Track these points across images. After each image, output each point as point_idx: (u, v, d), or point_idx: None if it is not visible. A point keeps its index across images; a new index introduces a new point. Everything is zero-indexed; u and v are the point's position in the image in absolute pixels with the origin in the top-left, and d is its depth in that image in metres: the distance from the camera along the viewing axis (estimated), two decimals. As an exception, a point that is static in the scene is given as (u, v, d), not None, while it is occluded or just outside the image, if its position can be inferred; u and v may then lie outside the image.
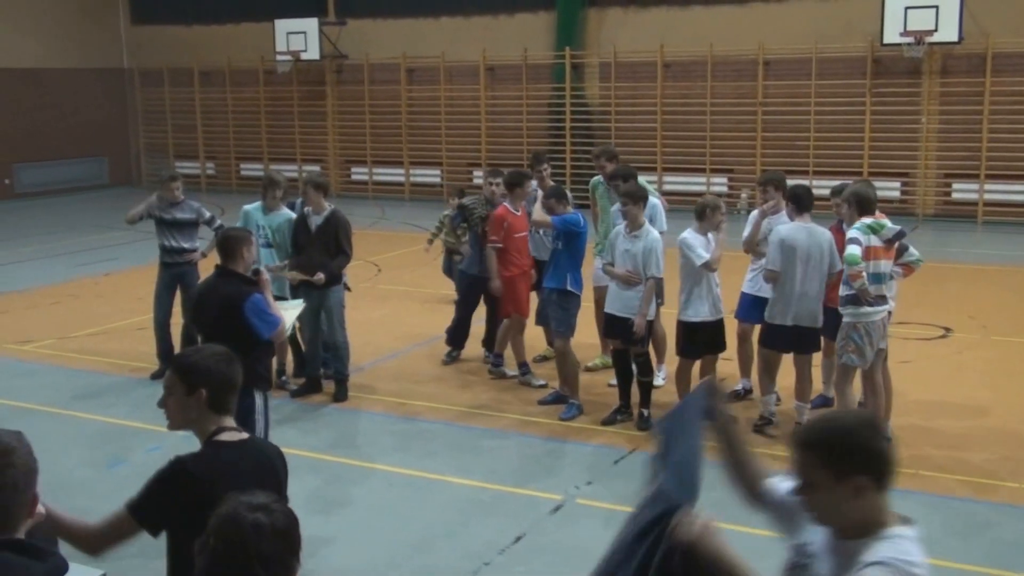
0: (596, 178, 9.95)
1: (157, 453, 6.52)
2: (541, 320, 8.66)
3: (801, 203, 7.80)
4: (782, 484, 2.86)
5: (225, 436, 3.33)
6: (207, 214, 9.99)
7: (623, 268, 8.04)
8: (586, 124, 22.38)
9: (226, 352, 3.42)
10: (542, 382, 9.36)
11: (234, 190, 25.58)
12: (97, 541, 3.15)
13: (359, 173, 24.96)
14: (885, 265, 7.26)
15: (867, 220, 7.17)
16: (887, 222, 7.27)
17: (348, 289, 9.40)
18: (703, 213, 7.93)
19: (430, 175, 24.13)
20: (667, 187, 21.84)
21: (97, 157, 26.98)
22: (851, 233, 7.16)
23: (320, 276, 8.79)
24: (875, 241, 7.17)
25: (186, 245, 9.85)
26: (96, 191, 26.38)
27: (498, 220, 9.29)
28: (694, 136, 21.23)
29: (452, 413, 8.79)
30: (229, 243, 6.05)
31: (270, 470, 3.36)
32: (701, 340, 7.95)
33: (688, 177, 21.51)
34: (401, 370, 10.14)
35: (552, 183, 9.76)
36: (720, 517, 2.68)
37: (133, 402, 9.05)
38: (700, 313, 7.92)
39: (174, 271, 9.80)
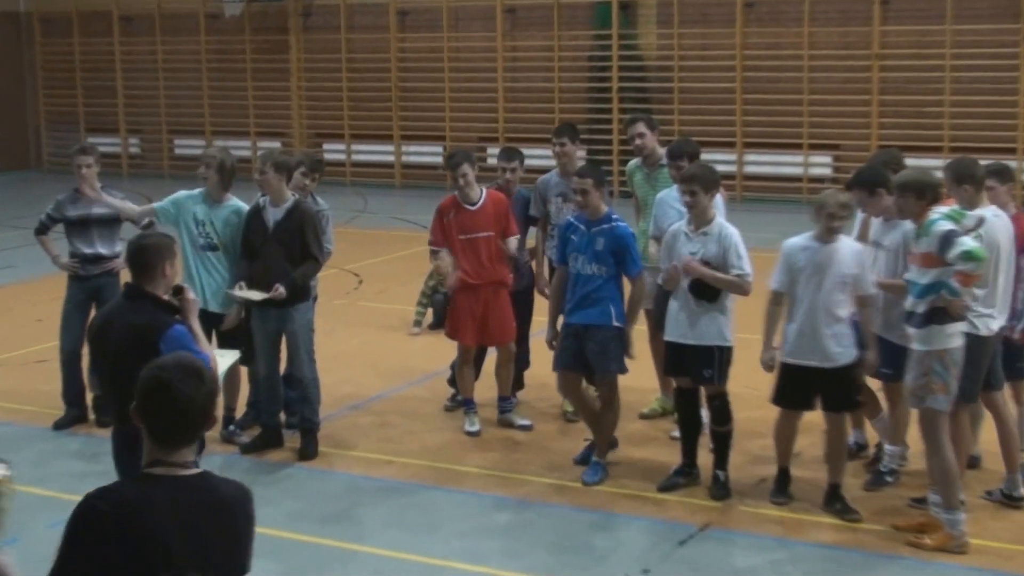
0: (633, 162, 9.99)
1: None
2: (568, 363, 8.57)
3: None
4: None
5: (159, 469, 3.56)
6: (132, 204, 10.05)
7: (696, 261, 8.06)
8: (640, 85, 22.42)
9: (191, 368, 3.64)
10: (526, 422, 9.68)
11: (166, 174, 25.80)
12: None
13: (334, 151, 25.11)
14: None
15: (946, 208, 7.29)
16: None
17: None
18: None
19: (429, 154, 24.25)
20: (749, 169, 21.84)
21: (-18, 131, 27.27)
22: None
23: (280, 290, 8.83)
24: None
25: (104, 251, 9.90)
26: (-19, 176, 26.67)
27: (439, 213, 9.55)
28: (786, 101, 21.24)
29: (458, 476, 8.80)
30: (144, 255, 5.95)
31: (222, 515, 3.58)
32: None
33: (777, 155, 21.50)
34: (389, 418, 10.16)
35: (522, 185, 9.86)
36: None
37: (31, 460, 9.09)
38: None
39: (88, 285, 9.86)
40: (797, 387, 7.88)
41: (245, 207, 9.26)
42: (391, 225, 20.00)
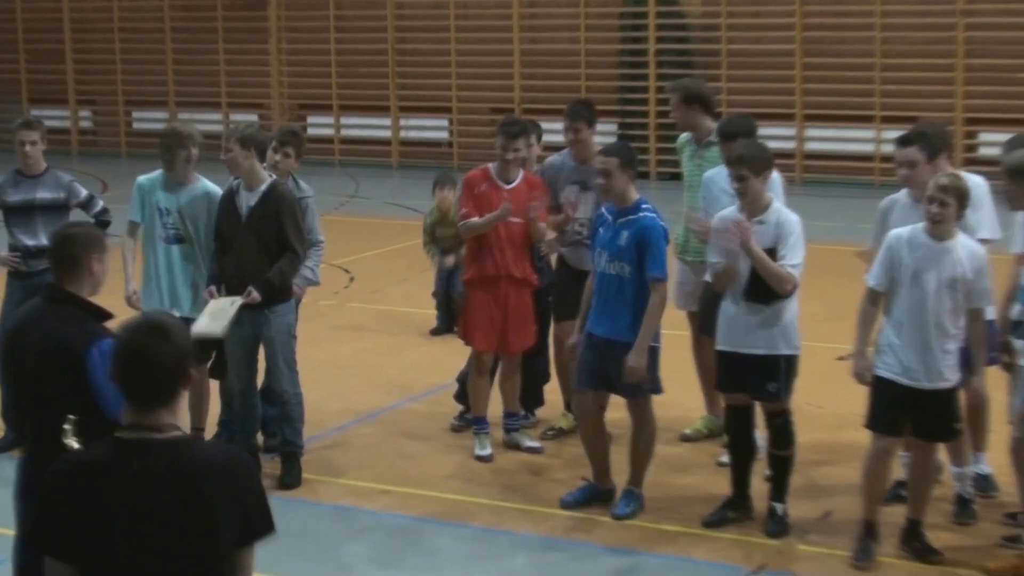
0: (684, 136, 9.94)
1: (4, 568, 6.56)
2: (587, 382, 8.51)
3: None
4: None
5: (133, 434, 4.05)
6: (82, 192, 10.05)
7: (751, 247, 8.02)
8: (681, 47, 22.40)
9: (158, 327, 4.10)
10: (536, 444, 9.65)
11: (123, 153, 25.88)
12: None
13: (320, 125, 25.17)
14: None
15: None
16: None
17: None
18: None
19: (433, 127, 24.28)
20: (811, 146, 21.81)
21: (-92, 102, 27.37)
22: None
23: (253, 295, 8.82)
24: None
25: (49, 242, 9.92)
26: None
27: (468, 184, 9.54)
28: (854, 66, 21.20)
29: (466, 509, 8.79)
30: (67, 249, 5.85)
31: (197, 480, 4.00)
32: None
33: (844, 129, 21.47)
34: (385, 439, 10.16)
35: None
36: None
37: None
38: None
39: (31, 283, 9.82)
40: (897, 408, 7.73)
41: (217, 189, 9.28)
42: (387, 212, 20.02)
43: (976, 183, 8.10)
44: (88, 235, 5.97)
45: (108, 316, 5.86)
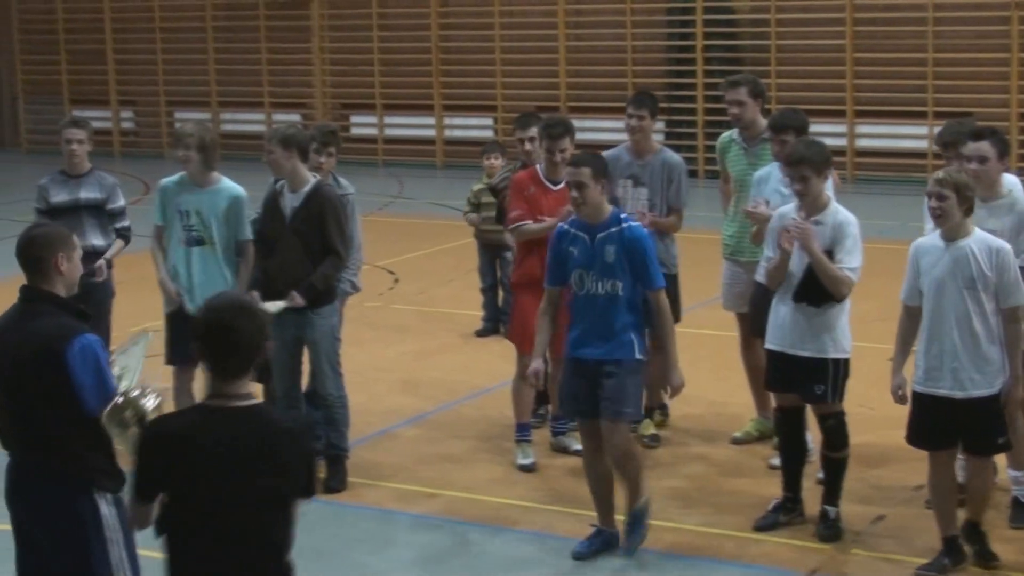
0: (727, 135, 9.93)
1: None
2: (587, 409, 8.03)
3: None
4: None
5: (216, 401, 4.71)
6: (119, 201, 10.14)
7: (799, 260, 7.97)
8: (730, 43, 22.32)
9: (242, 305, 4.77)
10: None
11: (165, 154, 25.97)
12: (138, 525, 5.00)
13: (363, 124, 25.21)
14: None
15: None
16: None
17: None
18: None
19: (478, 126, 24.26)
20: (862, 143, 21.68)
21: (-50, 104, 27.63)
22: None
23: (297, 299, 8.85)
24: None
25: (98, 242, 10.01)
26: (-51, 158, 27.00)
27: (517, 187, 9.50)
28: (907, 60, 21.08)
29: (513, 512, 8.79)
30: (33, 251, 5.86)
31: (272, 443, 4.70)
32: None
33: (896, 126, 21.34)
34: (430, 442, 10.18)
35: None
36: None
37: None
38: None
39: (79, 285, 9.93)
40: (933, 421, 7.63)
41: (239, 189, 9.31)
42: (432, 212, 20.03)
43: None
44: (53, 235, 5.97)
45: (85, 314, 5.89)
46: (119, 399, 5.33)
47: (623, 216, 8.03)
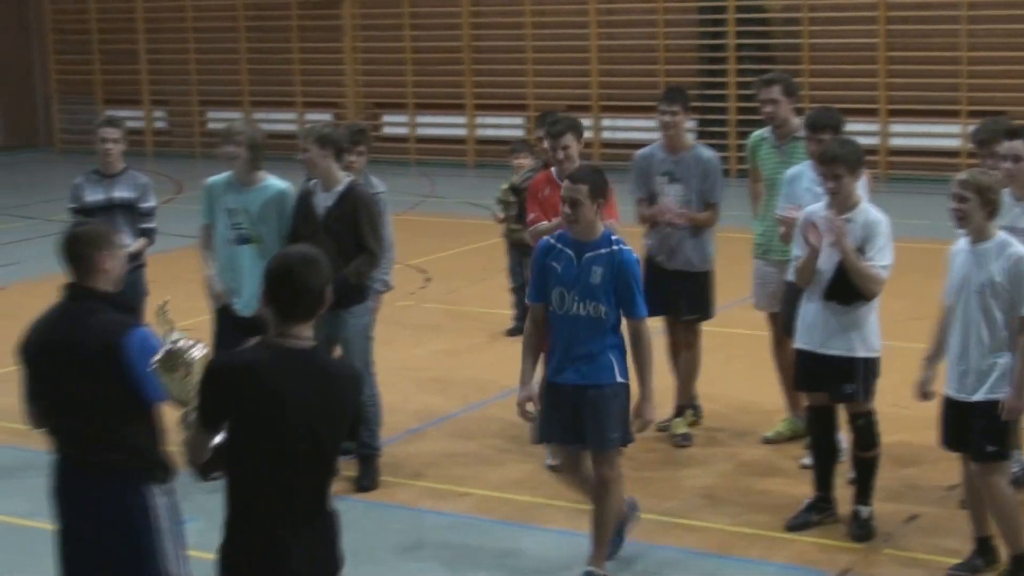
0: (758, 133, 9.94)
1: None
2: (561, 435, 7.77)
3: None
4: None
5: (277, 340, 5.06)
6: (151, 200, 10.19)
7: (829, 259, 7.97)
8: (762, 42, 22.27)
9: (312, 256, 5.12)
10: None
11: (197, 152, 26.06)
12: (189, 454, 5.23)
13: (395, 124, 25.23)
14: None
15: None
16: None
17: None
18: None
19: (509, 125, 24.27)
20: (895, 141, 21.61)
21: (-17, 104, 27.71)
22: None
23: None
24: None
25: (130, 242, 10.04)
26: (-17, 157, 27.12)
27: (533, 190, 9.54)
28: (940, 59, 21.00)
29: (545, 511, 8.81)
30: (77, 248, 5.90)
31: (328, 382, 5.09)
32: None
33: (929, 124, 21.26)
34: (462, 441, 10.22)
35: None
36: None
37: (35, 490, 9.20)
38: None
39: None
40: (951, 423, 7.59)
41: (286, 186, 9.33)
42: (463, 211, 20.05)
43: None
44: (96, 233, 6.02)
45: (132, 308, 5.96)
46: (170, 347, 5.43)
47: (614, 238, 7.56)
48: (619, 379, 7.56)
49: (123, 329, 5.74)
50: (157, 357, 5.47)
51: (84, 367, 5.70)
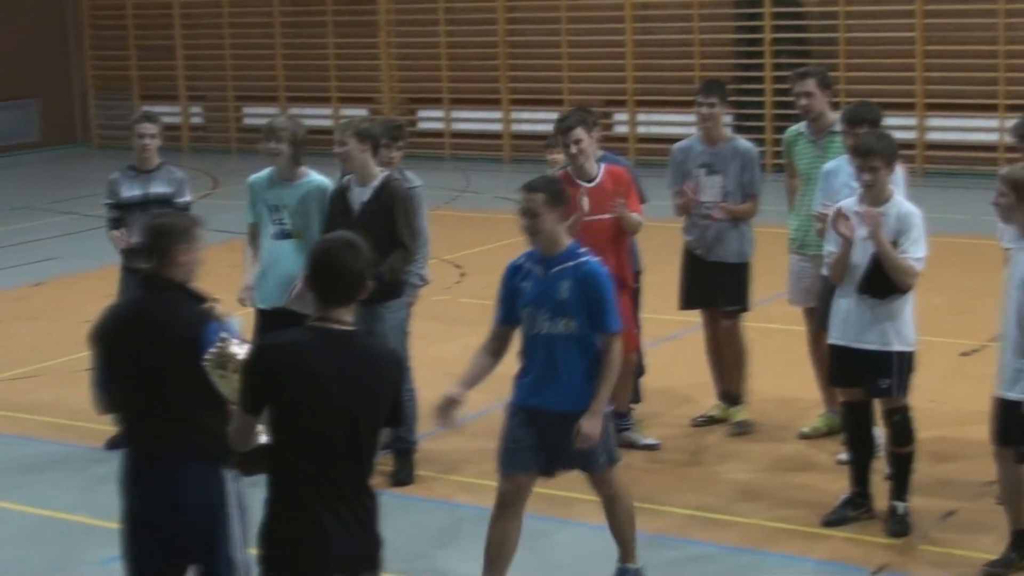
0: (794, 128, 9.94)
1: (115, 566, 6.70)
2: (522, 464, 7.47)
3: None
4: None
5: (319, 323, 5.23)
6: (186, 196, 10.25)
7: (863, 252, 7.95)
8: (798, 36, 22.23)
9: (351, 241, 5.31)
10: (652, 441, 9.64)
11: (233, 148, 26.16)
12: (235, 442, 5.41)
13: (430, 119, 25.28)
14: None
15: None
16: None
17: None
18: None
19: (543, 121, 24.22)
20: (932, 136, 21.56)
21: (22, 100, 27.85)
22: None
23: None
24: None
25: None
26: (20, 153, 27.26)
27: None
28: (977, 53, 20.91)
29: (581, 506, 8.81)
30: (156, 240, 6.02)
31: (368, 365, 5.27)
32: None
33: (967, 119, 21.18)
34: (497, 435, 10.04)
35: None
36: None
37: (80, 485, 9.29)
38: None
39: (145, 279, 10.07)
40: (996, 416, 7.59)
41: (327, 181, 9.38)
42: (498, 207, 20.03)
43: None
44: (174, 226, 6.12)
45: (204, 299, 6.06)
46: (218, 346, 5.63)
47: (580, 250, 7.26)
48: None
49: (206, 320, 5.92)
50: (208, 356, 5.65)
51: (173, 352, 5.84)
